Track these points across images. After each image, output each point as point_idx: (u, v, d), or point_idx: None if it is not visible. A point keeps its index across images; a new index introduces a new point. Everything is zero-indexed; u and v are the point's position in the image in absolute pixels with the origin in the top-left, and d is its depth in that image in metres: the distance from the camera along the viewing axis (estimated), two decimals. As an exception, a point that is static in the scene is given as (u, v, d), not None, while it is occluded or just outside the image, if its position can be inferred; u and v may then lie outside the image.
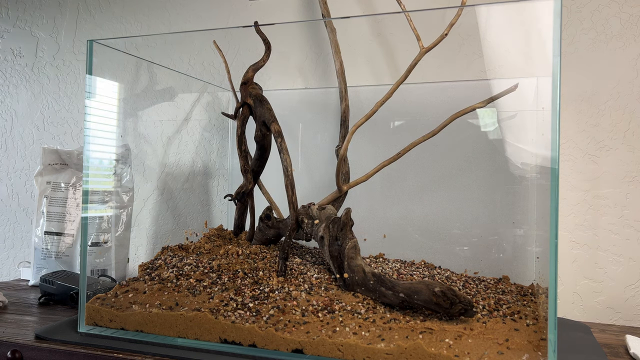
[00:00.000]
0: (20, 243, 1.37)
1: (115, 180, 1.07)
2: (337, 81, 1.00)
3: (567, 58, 0.96)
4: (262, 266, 0.81)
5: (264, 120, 0.86)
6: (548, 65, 0.57)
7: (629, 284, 0.92)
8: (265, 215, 0.93)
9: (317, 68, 1.12)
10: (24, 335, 0.73)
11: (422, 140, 0.83)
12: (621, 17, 0.93)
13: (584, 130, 0.95)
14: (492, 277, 0.88)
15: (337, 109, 1.01)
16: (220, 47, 1.04)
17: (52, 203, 1.09)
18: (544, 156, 0.72)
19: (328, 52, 1.08)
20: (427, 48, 0.79)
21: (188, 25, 0.84)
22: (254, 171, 0.93)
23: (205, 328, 0.68)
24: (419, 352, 0.58)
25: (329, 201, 0.89)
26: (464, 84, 0.98)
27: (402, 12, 0.87)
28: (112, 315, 0.73)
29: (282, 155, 0.81)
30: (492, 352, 0.58)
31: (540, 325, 0.65)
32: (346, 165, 0.95)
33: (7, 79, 1.40)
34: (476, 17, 0.89)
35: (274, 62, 1.09)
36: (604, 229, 0.94)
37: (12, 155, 1.39)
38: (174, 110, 1.23)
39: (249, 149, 0.96)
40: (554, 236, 0.56)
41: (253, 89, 0.87)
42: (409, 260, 0.97)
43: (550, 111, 0.57)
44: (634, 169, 0.92)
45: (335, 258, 0.76)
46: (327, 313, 0.68)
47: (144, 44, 1.17)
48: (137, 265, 0.87)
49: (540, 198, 0.85)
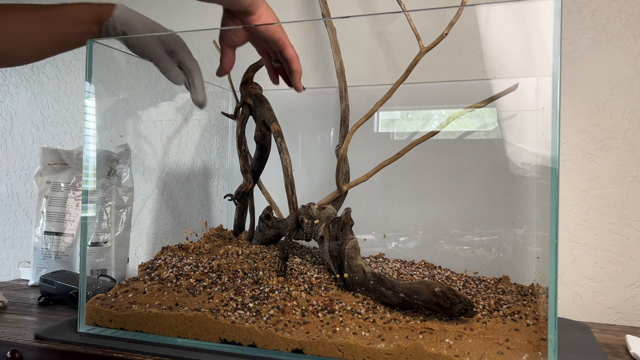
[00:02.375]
0: (20, 243, 1.37)
1: (111, 179, 1.07)
2: (337, 81, 0.99)
3: (567, 58, 0.95)
4: (262, 266, 0.81)
5: (263, 120, 0.86)
6: (548, 65, 0.57)
7: (629, 284, 0.92)
8: (265, 215, 0.93)
9: (317, 68, 1.12)
10: (23, 335, 0.73)
11: (422, 140, 0.83)
12: (621, 17, 0.93)
13: (584, 130, 0.95)
14: (492, 277, 0.88)
15: (337, 109, 1.01)
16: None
17: (51, 203, 1.09)
18: (544, 156, 0.72)
19: (328, 52, 1.08)
20: (427, 48, 0.79)
21: (188, 25, 0.84)
22: (253, 171, 0.93)
23: (205, 328, 0.68)
24: (419, 352, 0.58)
25: (329, 201, 0.89)
26: (464, 84, 0.98)
27: (402, 12, 0.87)
28: (111, 315, 0.73)
29: (282, 155, 0.81)
30: (492, 352, 0.58)
31: (541, 325, 0.65)
32: (346, 165, 0.95)
33: (7, 79, 1.40)
34: (476, 17, 0.89)
35: (274, 62, 1.09)
36: (604, 229, 0.94)
37: (11, 155, 1.39)
38: (174, 110, 1.23)
39: (249, 148, 0.96)
40: (554, 236, 0.56)
41: (253, 89, 0.87)
42: (409, 260, 0.97)
43: (550, 111, 0.57)
44: (634, 169, 0.92)
45: (335, 258, 0.76)
46: (327, 313, 0.68)
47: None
48: (137, 265, 0.87)
49: (540, 198, 0.85)
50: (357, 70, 1.06)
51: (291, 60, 0.79)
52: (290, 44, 0.78)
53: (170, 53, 0.75)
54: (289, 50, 0.78)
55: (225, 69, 0.79)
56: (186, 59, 0.76)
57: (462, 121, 0.96)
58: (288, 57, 0.78)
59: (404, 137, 1.01)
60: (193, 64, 0.76)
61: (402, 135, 1.01)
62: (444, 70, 1.00)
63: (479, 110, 0.90)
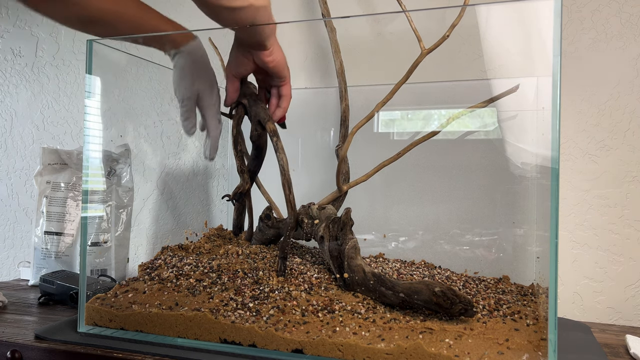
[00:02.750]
0: (20, 243, 1.37)
1: (111, 179, 1.07)
2: (337, 81, 0.99)
3: (567, 58, 0.95)
4: (262, 266, 0.81)
5: (259, 120, 0.85)
6: (548, 65, 0.57)
7: (629, 284, 0.92)
8: (265, 215, 0.93)
9: (317, 68, 1.12)
10: (23, 335, 0.73)
11: (423, 141, 0.83)
12: (621, 17, 0.93)
13: (584, 130, 0.95)
14: (492, 277, 0.88)
15: (337, 109, 1.01)
16: (220, 47, 1.04)
17: (51, 203, 1.09)
18: (544, 156, 0.72)
19: (328, 52, 1.08)
20: (428, 49, 0.79)
21: (188, 25, 0.84)
22: (250, 171, 0.92)
23: (205, 328, 0.68)
24: (419, 352, 0.58)
25: (329, 201, 0.89)
26: (464, 84, 0.98)
27: (402, 12, 0.87)
28: (111, 315, 0.73)
29: (278, 155, 0.81)
30: (492, 352, 0.58)
31: (541, 325, 0.65)
32: (346, 165, 0.95)
33: (7, 79, 1.40)
34: (476, 17, 0.89)
35: (274, 62, 1.09)
36: (604, 229, 0.94)
37: (11, 155, 1.39)
38: (174, 110, 1.23)
39: (246, 148, 0.96)
40: (554, 236, 0.56)
41: (247, 88, 0.87)
42: (409, 260, 0.97)
43: (550, 111, 0.57)
44: (635, 169, 0.92)
45: (335, 258, 0.76)
46: (327, 313, 0.68)
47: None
48: (137, 265, 0.87)
49: (540, 198, 0.85)
50: (357, 70, 1.07)
51: (286, 97, 0.85)
52: (290, 83, 0.84)
53: (200, 104, 0.80)
54: (288, 88, 0.84)
55: (232, 98, 0.84)
56: (211, 120, 0.81)
57: (462, 121, 0.96)
58: (284, 94, 0.85)
59: (404, 137, 1.01)
60: (215, 126, 0.82)
61: (402, 135, 1.01)
62: (444, 70, 1.00)
63: (479, 110, 0.90)
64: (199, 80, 0.79)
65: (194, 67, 0.80)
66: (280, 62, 0.80)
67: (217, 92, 0.82)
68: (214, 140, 0.82)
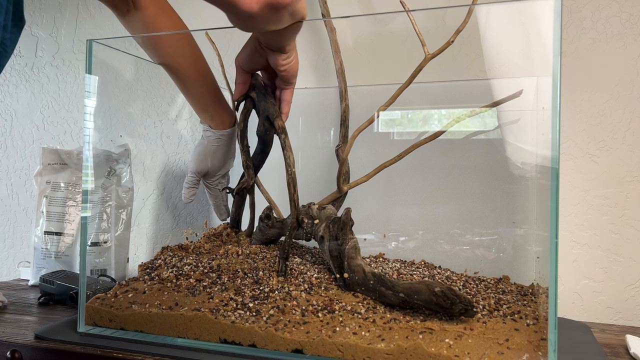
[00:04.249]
0: (20, 243, 1.37)
1: (111, 179, 1.07)
2: (337, 81, 0.99)
3: (567, 58, 0.95)
4: (262, 266, 0.81)
5: (267, 115, 0.84)
6: (548, 65, 0.57)
7: (629, 284, 0.92)
8: (265, 215, 0.93)
9: (317, 68, 1.12)
10: (23, 335, 0.73)
11: (424, 143, 0.83)
12: (621, 17, 0.93)
13: (584, 130, 0.95)
14: (492, 277, 0.88)
15: (337, 109, 1.01)
16: (220, 46, 1.04)
17: (51, 203, 1.09)
18: (544, 156, 0.72)
19: (328, 52, 1.08)
20: (432, 54, 0.78)
21: (188, 25, 0.84)
22: (254, 165, 0.92)
23: (205, 328, 0.68)
24: (419, 352, 0.58)
25: (329, 201, 0.89)
26: (464, 84, 0.98)
27: (402, 12, 0.87)
28: (111, 315, 0.73)
29: (285, 152, 0.80)
30: (493, 352, 0.58)
31: (541, 325, 0.65)
32: (346, 165, 0.95)
33: (7, 79, 1.40)
34: (476, 17, 0.89)
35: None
36: (604, 229, 0.94)
37: (11, 155, 1.39)
38: (174, 109, 1.23)
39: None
40: (554, 236, 0.56)
41: (256, 81, 0.86)
42: (409, 260, 0.97)
43: (550, 111, 0.57)
44: (635, 169, 0.92)
45: (335, 258, 0.76)
46: (327, 313, 0.68)
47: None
48: (137, 265, 0.87)
49: (540, 198, 0.85)
50: (357, 70, 1.07)
51: (287, 102, 0.85)
52: (293, 90, 0.85)
53: (205, 182, 0.97)
54: (289, 94, 0.85)
55: (242, 91, 0.84)
56: (211, 199, 1.00)
57: (462, 122, 0.96)
58: (286, 98, 0.84)
59: (404, 138, 1.01)
60: (214, 198, 0.99)
61: (402, 136, 1.01)
62: (444, 70, 1.00)
63: (479, 110, 0.90)
64: (214, 163, 0.93)
65: (217, 151, 0.92)
66: (293, 68, 0.78)
67: (227, 177, 0.98)
68: (216, 207, 0.99)
